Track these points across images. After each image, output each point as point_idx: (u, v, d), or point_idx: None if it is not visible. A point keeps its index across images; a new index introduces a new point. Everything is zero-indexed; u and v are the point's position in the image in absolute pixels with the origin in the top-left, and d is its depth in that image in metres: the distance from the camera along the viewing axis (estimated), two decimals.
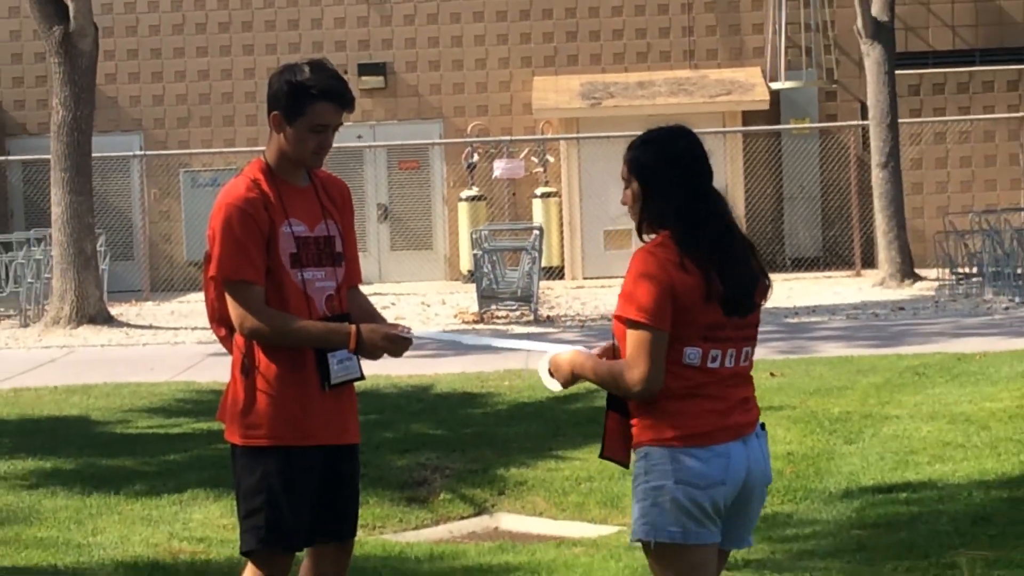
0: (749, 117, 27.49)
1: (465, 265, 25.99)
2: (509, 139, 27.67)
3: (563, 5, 28.55)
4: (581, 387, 14.05)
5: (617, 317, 4.77)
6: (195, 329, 20.35)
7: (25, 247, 23.44)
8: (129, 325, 21.58)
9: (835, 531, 8.61)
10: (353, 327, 5.29)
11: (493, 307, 21.09)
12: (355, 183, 27.28)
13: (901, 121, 24.46)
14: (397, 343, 5.33)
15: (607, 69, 28.45)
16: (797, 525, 8.84)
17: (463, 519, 10.03)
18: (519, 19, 28.59)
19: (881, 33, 23.62)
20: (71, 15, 20.84)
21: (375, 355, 5.34)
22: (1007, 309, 20.07)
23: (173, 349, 18.98)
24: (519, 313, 20.97)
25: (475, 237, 22.34)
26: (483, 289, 21.13)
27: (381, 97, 28.65)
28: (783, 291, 23.63)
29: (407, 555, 8.55)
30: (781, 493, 9.55)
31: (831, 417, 11.55)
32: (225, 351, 5.48)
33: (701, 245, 4.72)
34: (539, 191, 27.34)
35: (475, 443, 11.40)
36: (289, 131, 5.31)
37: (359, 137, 27.91)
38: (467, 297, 22.89)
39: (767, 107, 27.33)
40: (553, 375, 4.99)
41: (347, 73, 27.87)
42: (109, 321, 21.46)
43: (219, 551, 8.44)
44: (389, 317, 5.74)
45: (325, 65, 5.39)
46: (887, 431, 11.15)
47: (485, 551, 8.72)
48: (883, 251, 23.73)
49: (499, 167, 27.25)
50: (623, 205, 4.98)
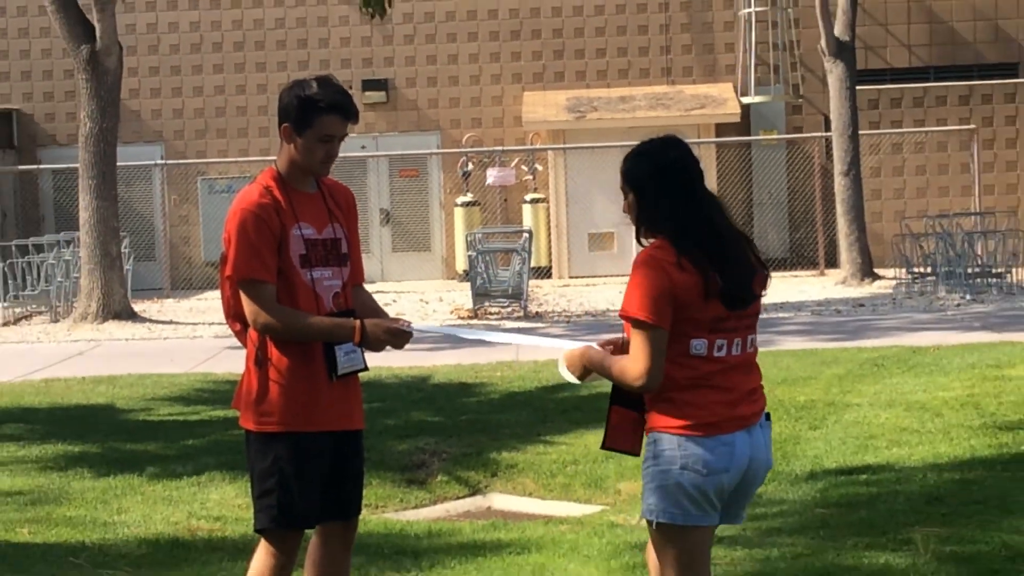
0: (722, 129, 27.48)
1: (460, 265, 25.98)
2: (501, 149, 27.69)
3: (550, 26, 28.56)
4: (563, 378, 14.09)
5: (622, 315, 4.74)
6: (212, 324, 20.33)
7: (55, 249, 23.40)
8: (151, 320, 21.56)
9: (801, 510, 8.62)
10: (358, 322, 5.29)
11: (486, 304, 21.09)
12: (359, 190, 27.24)
13: (861, 133, 24.47)
14: (398, 336, 5.33)
15: (591, 85, 28.44)
16: (766, 505, 8.84)
17: (458, 499, 10.04)
18: (510, 39, 28.61)
19: (843, 52, 23.63)
20: (97, 35, 20.81)
21: (378, 348, 5.33)
22: (958, 306, 20.07)
23: (192, 343, 18.96)
24: (510, 309, 20.98)
25: (470, 239, 22.33)
26: (477, 287, 21.13)
27: (383, 111, 28.63)
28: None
29: (407, 532, 8.56)
30: None
31: (797, 405, 11.56)
32: (240, 344, 5.48)
33: (695, 247, 4.69)
34: (528, 197, 27.33)
35: (469, 429, 11.41)
36: (299, 141, 5.30)
37: (363, 147, 27.89)
38: (462, 295, 22.85)
39: (738, 120, 27.32)
40: (570, 371, 4.97)
41: (352, 88, 27.82)
42: (133, 317, 21.44)
43: (234, 529, 8.44)
44: (391, 313, 5.74)
45: (331, 80, 5.39)
46: (848, 418, 11.16)
47: (479, 529, 8.72)
48: (845, 252, 23.74)
49: (492, 175, 27.26)
50: (624, 213, 4.97)
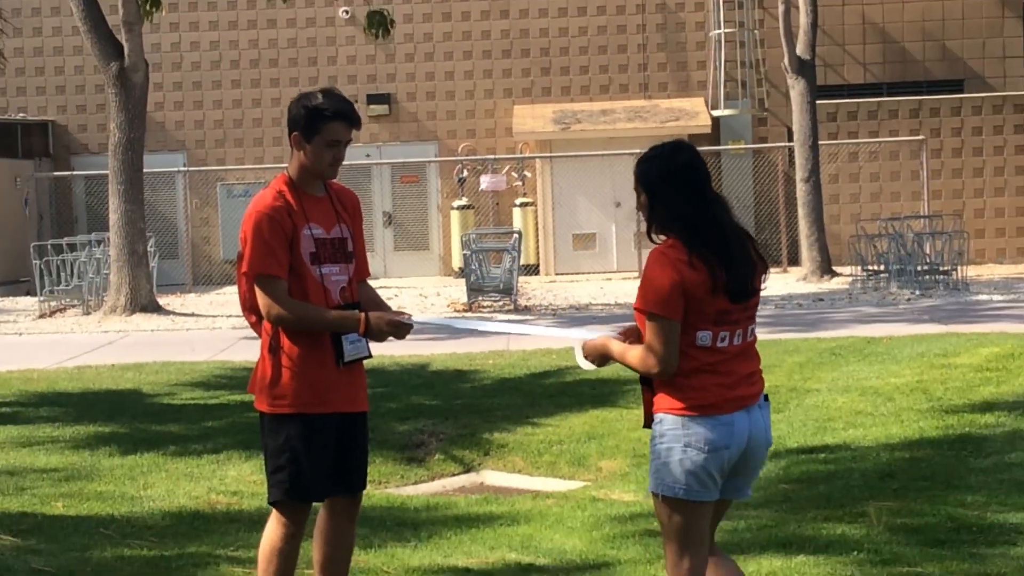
0: (694, 139, 27.15)
1: (456, 263, 25.95)
2: (493, 158, 27.65)
3: (538, 46, 28.57)
4: (550, 366, 14.04)
5: (636, 309, 4.70)
6: (230, 317, 20.31)
7: (87, 248, 23.34)
8: (174, 313, 21.51)
9: (765, 485, 8.61)
10: (363, 314, 5.29)
11: (480, 298, 21.06)
12: (364, 194, 27.28)
13: (821, 143, 24.46)
14: (400, 328, 5.32)
15: (575, 99, 28.44)
16: None
17: (454, 476, 10.03)
18: (502, 57, 28.62)
19: (804, 69, 23.63)
20: (126, 53, 20.77)
21: (381, 337, 5.33)
22: (909, 300, 20.08)
23: (211, 333, 18.92)
24: (501, 303, 20.95)
25: (465, 240, 22.31)
26: (471, 283, 21.10)
27: (386, 122, 28.63)
28: None
29: (407, 506, 8.55)
30: None
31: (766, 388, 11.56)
32: (255, 335, 5.46)
33: (705, 246, 4.64)
34: (518, 201, 27.32)
35: (464, 412, 11.39)
36: (308, 148, 5.29)
37: (367, 156, 27.90)
38: (458, 290, 22.82)
39: (709, 131, 27.33)
40: (587, 357, 4.92)
41: (357, 102, 27.81)
42: (158, 310, 21.40)
43: (250, 503, 8.43)
44: (392, 306, 5.73)
45: (335, 91, 5.40)
46: (809, 402, 11.15)
47: (472, 503, 8.72)
48: (805, 251, 23.75)
49: (485, 181, 27.26)
50: (638, 211, 4.95)
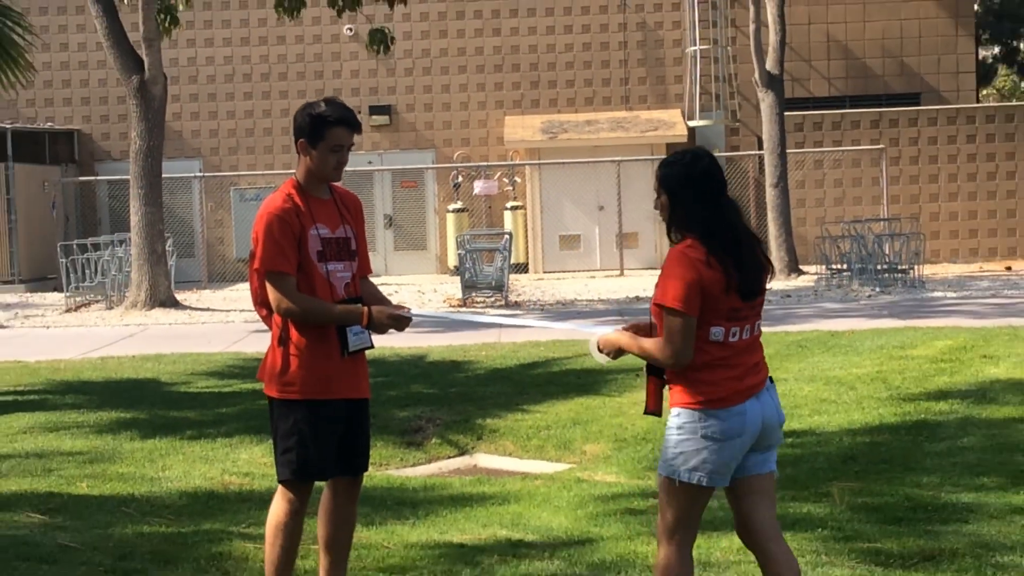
0: (671, 148, 27.40)
1: (452, 262, 25.94)
2: (486, 164, 27.71)
3: (528, 61, 28.60)
4: (539, 357, 14.02)
5: (655, 304, 4.67)
6: (242, 311, 20.27)
7: (110, 247, 23.35)
8: (191, 308, 21.49)
9: None
10: (366, 308, 5.28)
11: (473, 294, 21.07)
12: (366, 198, 27.27)
13: (789, 151, 24.50)
14: (400, 321, 5.31)
15: (562, 110, 28.48)
16: None
17: (449, 459, 10.01)
18: (494, 72, 28.64)
19: (773, 83, 23.66)
20: (146, 68, 20.74)
21: (382, 330, 5.32)
22: (869, 297, 20.10)
23: (225, 326, 18.90)
24: (493, 299, 20.96)
25: (459, 240, 22.32)
26: (466, 280, 21.10)
27: (387, 132, 28.66)
28: None
29: (406, 486, 8.54)
30: None
31: None
32: (266, 327, 5.44)
33: (720, 247, 4.64)
34: (509, 205, 27.34)
35: (459, 400, 11.38)
36: (314, 153, 5.28)
37: (370, 163, 27.93)
38: (453, 286, 22.82)
39: (685, 140, 27.32)
40: (602, 350, 4.89)
41: (360, 113, 27.73)
42: (175, 305, 21.37)
43: (260, 483, 8.41)
44: (393, 301, 5.72)
45: (336, 100, 5.39)
46: (777, 390, 11.14)
47: (466, 483, 8.71)
48: (774, 252, 23.75)
49: (478, 186, 27.30)
50: (656, 211, 4.94)
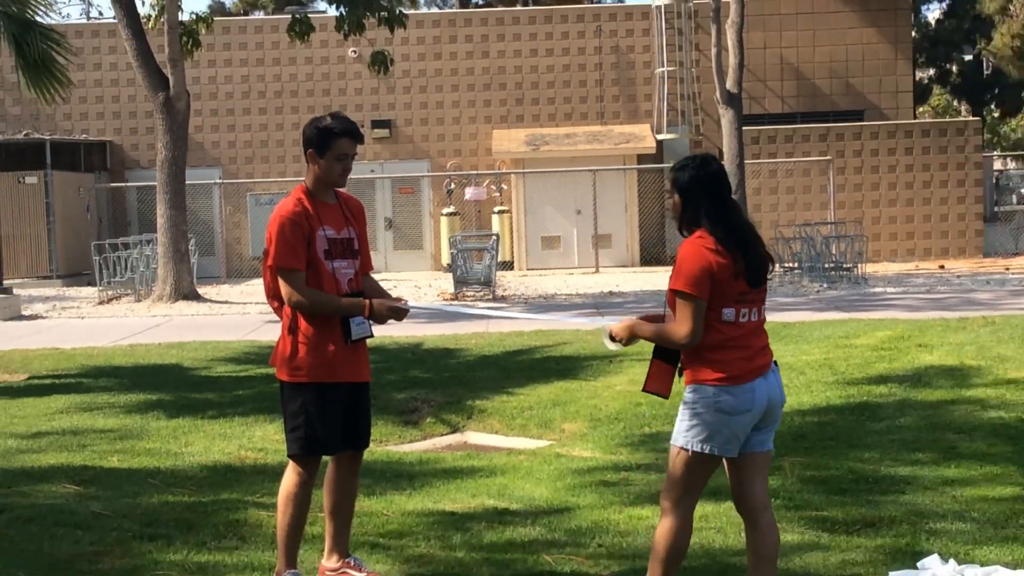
0: (641, 158, 27.54)
1: (445, 260, 25.90)
2: (476, 173, 27.68)
3: (513, 81, 28.62)
4: (523, 345, 14.00)
5: (671, 289, 4.68)
6: (257, 303, 20.26)
7: (138, 246, 23.31)
8: (211, 301, 21.45)
9: None
10: (367, 300, 5.28)
11: (464, 289, 21.06)
12: (369, 203, 27.29)
13: (746, 162, 24.46)
14: (398, 312, 5.32)
15: (544, 124, 28.49)
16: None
17: (442, 436, 10.02)
18: (483, 90, 28.65)
19: (733, 101, 23.65)
20: (171, 85, 20.71)
21: (382, 320, 5.32)
22: (818, 292, 20.15)
23: (242, 317, 18.88)
24: (482, 293, 20.95)
25: (452, 240, 22.29)
26: (457, 276, 21.11)
27: (387, 143, 28.66)
28: (665, 279, 23.63)
29: (403, 461, 8.54)
30: (662, 418, 9.53)
31: None
32: (277, 318, 5.44)
33: (727, 237, 4.65)
34: (496, 209, 27.32)
35: (451, 383, 11.39)
36: (321, 162, 5.28)
37: (372, 171, 27.92)
38: (446, 282, 22.81)
39: (654, 152, 27.41)
40: (614, 339, 4.86)
41: (363, 126, 27.86)
42: (197, 298, 21.35)
43: (273, 458, 8.41)
44: (392, 294, 5.72)
45: (341, 114, 5.40)
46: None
47: (457, 458, 8.71)
48: None
49: (469, 192, 27.29)
50: (669, 210, 4.95)
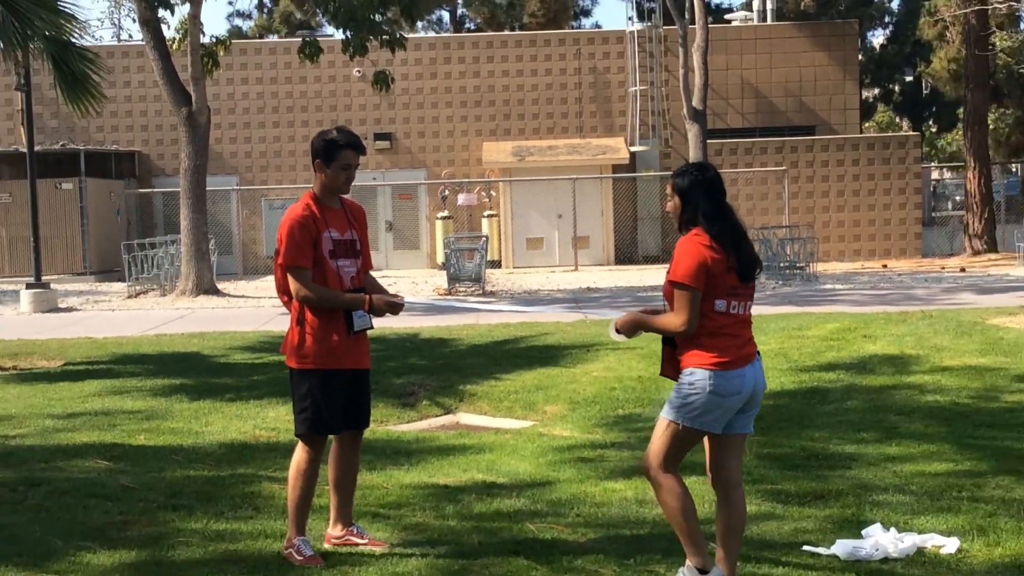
0: (616, 168, 27.56)
1: (439, 259, 25.92)
2: (467, 181, 27.69)
3: (501, 98, 28.63)
4: (508, 335, 13.98)
5: (669, 281, 4.65)
6: (271, 298, 20.19)
7: (164, 246, 23.29)
8: (229, 295, 21.41)
9: None
10: (367, 296, 5.28)
11: (457, 285, 21.04)
12: (370, 208, 27.30)
13: None
14: (394, 307, 5.31)
15: (529, 137, 28.51)
16: (643, 420, 8.86)
17: (436, 417, 10.00)
18: (474, 106, 28.66)
19: (698, 117, 23.70)
20: (193, 101, 20.67)
21: (381, 314, 5.31)
22: (774, 288, 20.17)
23: (257, 310, 18.84)
24: (473, 289, 20.93)
25: (446, 241, 22.30)
26: (451, 274, 21.09)
27: (388, 154, 28.64)
28: (637, 276, 23.64)
29: (402, 439, 8.53)
30: (633, 401, 9.55)
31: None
32: (287, 311, 5.45)
33: (722, 236, 4.65)
34: (486, 213, 27.30)
35: (445, 370, 11.38)
36: (327, 171, 5.29)
37: (374, 179, 27.90)
38: (440, 279, 22.84)
39: (627, 162, 27.45)
40: (619, 331, 4.84)
41: (366, 138, 27.84)
42: (217, 293, 21.31)
43: (284, 436, 8.39)
44: (390, 291, 5.71)
45: (345, 128, 5.41)
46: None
47: (450, 437, 8.71)
48: None
49: (461, 198, 27.28)
50: (668, 212, 4.92)
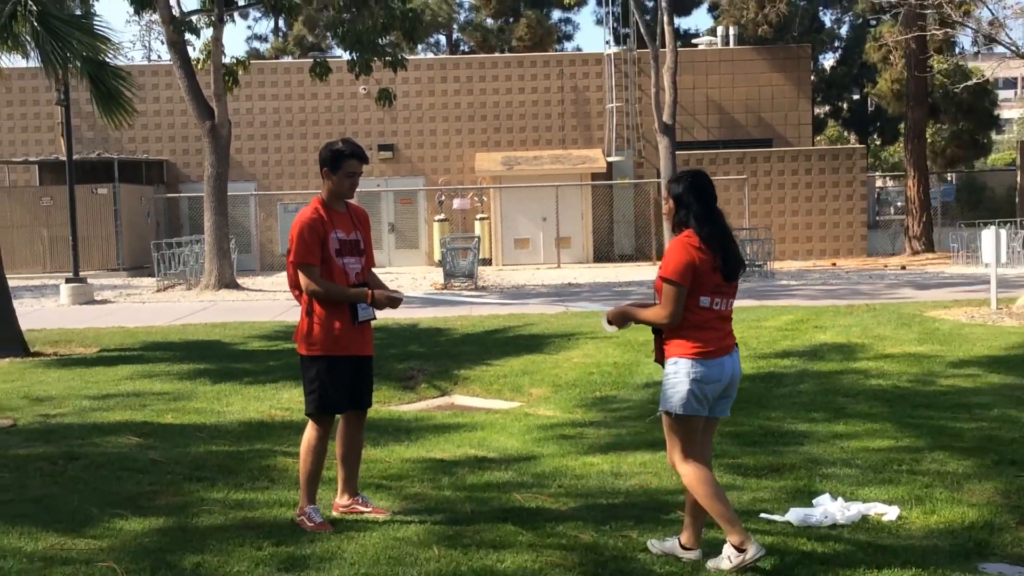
0: (595, 176, 27.57)
1: (436, 257, 25.90)
2: (462, 187, 27.67)
3: (492, 113, 28.61)
4: (498, 325, 13.94)
5: (660, 276, 4.61)
6: (285, 291, 20.18)
7: (189, 245, 23.26)
8: (248, 289, 21.36)
9: (638, 405, 8.67)
10: (370, 290, 5.27)
11: (452, 281, 21.04)
12: (374, 212, 27.27)
13: None
14: (394, 300, 5.29)
15: (516, 148, 28.50)
16: (618, 402, 8.88)
17: (433, 398, 10.01)
18: (468, 120, 28.63)
19: (668, 131, 23.69)
20: (216, 115, 20.60)
21: (382, 307, 5.30)
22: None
23: (272, 303, 18.81)
24: (466, 284, 20.93)
25: (442, 241, 22.26)
26: (446, 270, 21.08)
27: (390, 163, 28.59)
28: (613, 273, 23.66)
29: (403, 418, 8.54)
30: (610, 384, 9.58)
31: (637, 343, 11.56)
32: (298, 304, 5.44)
33: (710, 237, 4.59)
34: (478, 216, 27.27)
35: (441, 356, 11.38)
36: (334, 178, 5.29)
37: (378, 185, 27.83)
38: (437, 275, 22.81)
39: (605, 171, 27.46)
40: (611, 323, 4.76)
41: (371, 149, 27.84)
42: (237, 287, 21.25)
43: (297, 415, 8.39)
44: (392, 286, 5.71)
45: (350, 139, 5.40)
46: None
47: (446, 416, 8.72)
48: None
49: (456, 203, 27.26)
50: (664, 215, 4.84)
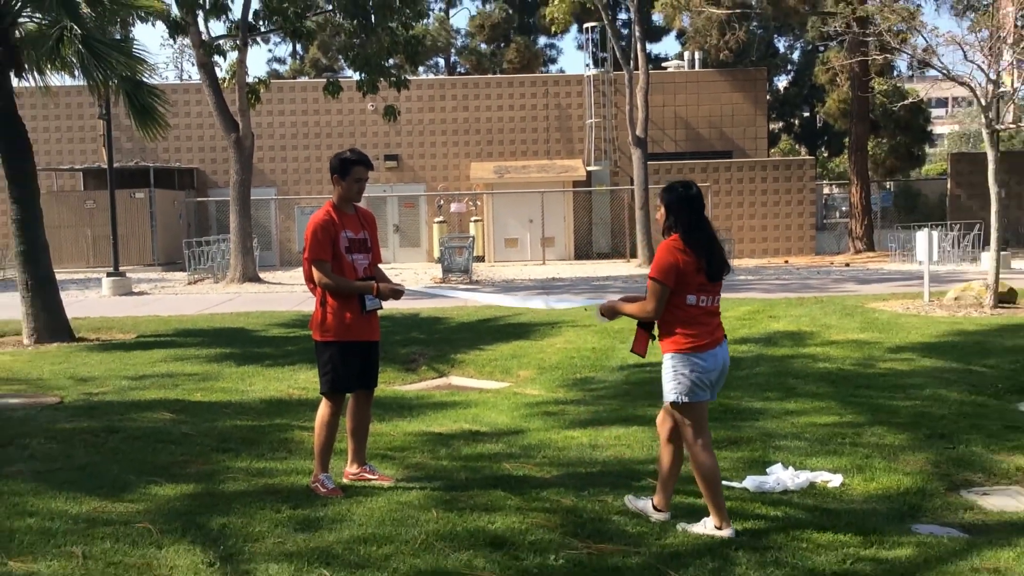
0: (576, 183, 27.52)
1: (436, 255, 25.85)
2: (458, 193, 27.60)
3: (485, 127, 28.53)
4: (491, 315, 13.89)
5: (648, 276, 4.57)
6: (302, 284, 20.10)
7: (217, 243, 23.16)
8: (269, 283, 21.28)
9: (615, 385, 8.65)
10: (375, 283, 5.24)
11: (449, 276, 21.01)
12: (381, 215, 27.18)
13: (650, 187, 24.47)
14: (397, 293, 5.27)
15: (507, 159, 28.43)
16: (596, 383, 8.86)
17: (433, 379, 9.98)
18: (464, 133, 28.54)
19: (640, 144, 23.67)
20: (240, 128, 20.50)
21: (386, 298, 5.26)
22: None
23: (290, 295, 18.74)
24: (462, 279, 20.90)
25: (441, 241, 22.23)
26: (445, 267, 21.03)
27: (395, 171, 28.50)
28: (592, 269, 23.64)
29: (405, 397, 8.50)
30: (589, 367, 9.55)
31: (614, 330, 11.55)
32: (313, 295, 5.41)
33: (696, 242, 4.53)
34: (473, 219, 27.20)
35: (439, 342, 11.35)
36: (344, 183, 5.25)
37: (384, 191, 27.76)
38: (436, 270, 22.77)
39: (585, 179, 27.40)
40: (603, 315, 4.74)
41: (377, 159, 27.77)
42: (259, 280, 21.17)
43: (312, 394, 8.35)
44: (395, 280, 5.67)
45: (357, 149, 5.40)
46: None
47: (444, 395, 8.69)
48: (640, 248, 23.73)
49: (453, 207, 27.20)
50: (656, 219, 4.79)
